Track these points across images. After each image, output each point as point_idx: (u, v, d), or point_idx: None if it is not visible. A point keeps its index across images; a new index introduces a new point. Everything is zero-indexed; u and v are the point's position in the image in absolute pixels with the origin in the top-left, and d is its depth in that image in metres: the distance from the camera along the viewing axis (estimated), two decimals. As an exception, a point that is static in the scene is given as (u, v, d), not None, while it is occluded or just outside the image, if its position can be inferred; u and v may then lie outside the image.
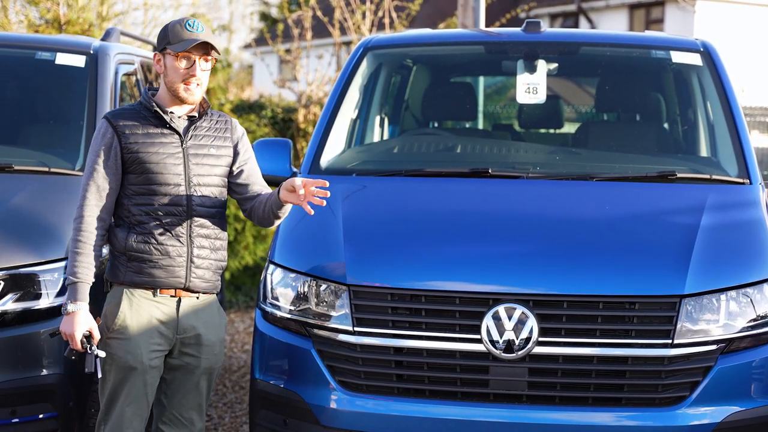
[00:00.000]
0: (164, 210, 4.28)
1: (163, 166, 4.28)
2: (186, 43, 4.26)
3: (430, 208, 5.02)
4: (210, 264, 4.37)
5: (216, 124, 4.44)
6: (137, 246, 4.26)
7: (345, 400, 4.43)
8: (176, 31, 4.29)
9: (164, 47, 4.30)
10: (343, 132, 5.81)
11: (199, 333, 4.37)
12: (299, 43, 13.25)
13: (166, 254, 4.27)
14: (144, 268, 4.27)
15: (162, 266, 4.27)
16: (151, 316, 4.29)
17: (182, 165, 4.31)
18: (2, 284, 4.77)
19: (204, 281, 4.36)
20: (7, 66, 6.29)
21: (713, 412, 4.35)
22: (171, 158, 4.29)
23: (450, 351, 4.37)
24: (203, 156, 4.36)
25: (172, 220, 4.28)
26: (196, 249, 4.32)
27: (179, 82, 4.28)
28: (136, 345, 4.27)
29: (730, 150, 5.40)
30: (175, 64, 4.28)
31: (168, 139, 4.32)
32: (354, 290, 4.46)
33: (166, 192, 4.28)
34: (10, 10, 11.97)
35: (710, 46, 5.87)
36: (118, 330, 4.27)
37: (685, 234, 4.65)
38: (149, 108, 4.33)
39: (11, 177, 5.39)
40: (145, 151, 4.27)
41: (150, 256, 4.26)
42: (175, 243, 4.29)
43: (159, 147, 4.29)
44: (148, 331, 4.29)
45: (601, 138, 6.02)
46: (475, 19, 10.71)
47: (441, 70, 6.83)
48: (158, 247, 4.26)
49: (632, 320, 4.36)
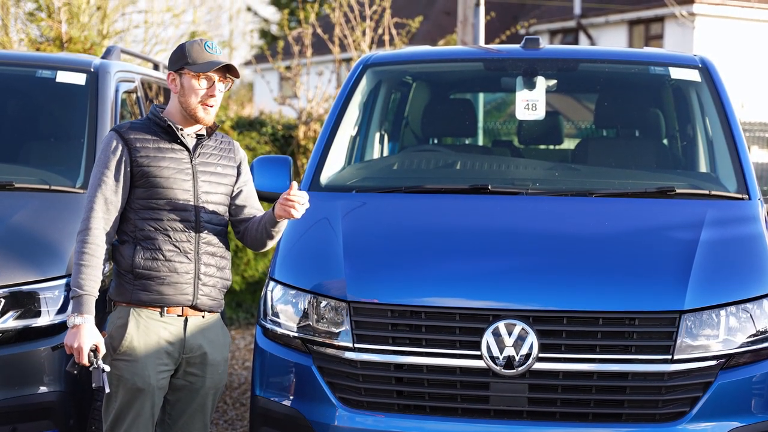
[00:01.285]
0: (173, 225, 4.26)
1: (173, 181, 4.26)
2: (209, 64, 4.26)
3: (430, 224, 5.03)
4: (216, 282, 4.36)
5: (221, 144, 4.46)
6: (145, 263, 4.22)
7: (345, 416, 4.42)
8: (196, 52, 4.28)
9: (182, 67, 4.29)
10: (343, 149, 5.82)
11: (204, 352, 4.36)
12: (299, 60, 13.28)
13: (174, 271, 4.24)
14: (152, 285, 4.23)
15: (170, 283, 4.24)
16: (158, 337, 4.25)
17: (191, 181, 4.30)
18: (3, 302, 4.78)
19: (210, 299, 4.35)
20: (8, 84, 6.31)
21: (714, 427, 4.34)
22: (181, 174, 4.28)
23: (450, 367, 4.37)
24: (210, 174, 4.36)
25: (181, 236, 4.27)
26: (203, 266, 4.30)
27: (197, 102, 4.28)
28: (143, 367, 4.23)
29: (729, 166, 5.41)
30: (193, 84, 4.27)
31: (178, 155, 4.31)
32: (354, 307, 4.46)
33: (175, 207, 4.26)
34: (11, 28, 12.01)
35: (709, 62, 5.89)
36: (125, 352, 4.22)
37: (684, 249, 4.66)
38: (160, 123, 4.32)
39: (12, 195, 5.40)
40: (156, 165, 4.25)
41: (158, 273, 4.23)
42: (183, 260, 4.26)
43: (169, 162, 4.28)
44: (155, 352, 4.25)
45: (600, 154, 6.03)
46: (474, 36, 10.75)
47: (441, 86, 6.84)
48: (166, 263, 4.23)
49: (632, 336, 4.35)
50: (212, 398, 4.48)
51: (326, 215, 5.01)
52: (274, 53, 14.27)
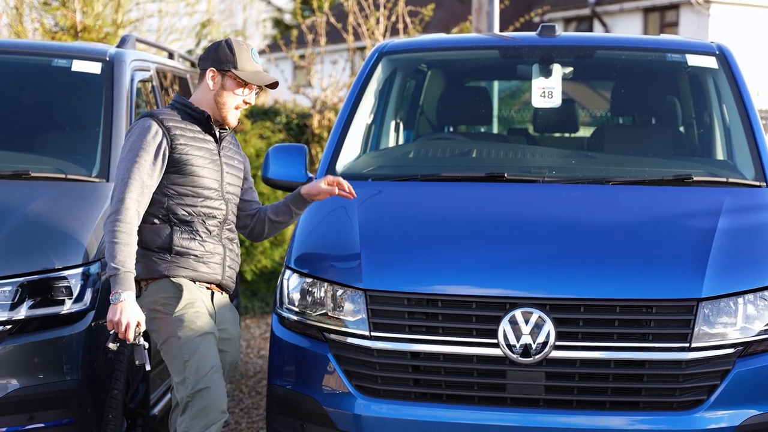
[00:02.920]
0: (205, 211, 4.51)
1: (206, 170, 4.52)
2: (259, 76, 4.51)
3: (446, 212, 5.02)
4: (236, 265, 4.67)
5: (232, 140, 4.77)
6: (183, 242, 4.47)
7: (362, 404, 4.43)
8: (245, 59, 4.51)
9: (228, 69, 4.48)
10: (359, 137, 5.82)
11: (228, 327, 4.67)
12: (313, 48, 13.27)
13: (209, 252, 4.52)
14: (189, 261, 4.48)
15: (205, 262, 4.51)
16: (200, 298, 4.51)
17: (219, 171, 4.58)
18: (20, 291, 4.79)
19: (231, 281, 4.66)
20: (23, 73, 6.32)
21: (731, 415, 4.33)
22: (212, 164, 4.55)
23: (467, 355, 4.37)
24: (232, 166, 4.67)
25: (211, 221, 4.53)
26: (228, 250, 4.61)
27: (232, 105, 4.54)
28: (204, 316, 4.47)
29: (746, 153, 5.39)
30: (235, 89, 4.52)
31: (209, 145, 4.56)
32: (371, 295, 4.46)
33: (208, 195, 4.51)
34: (26, 17, 12.03)
35: (726, 49, 5.86)
36: (185, 306, 4.44)
37: (701, 237, 4.64)
38: (196, 113, 4.52)
39: (28, 184, 5.41)
40: (194, 154, 4.48)
41: (195, 251, 4.49)
42: (215, 242, 4.55)
43: (204, 152, 4.53)
44: (206, 308, 4.51)
45: (616, 142, 6.01)
46: (489, 24, 10.71)
47: (456, 74, 6.83)
48: (203, 243, 4.50)
49: (649, 324, 4.34)
50: (228, 373, 4.73)
51: (342, 203, 5.00)
52: (288, 42, 14.28)
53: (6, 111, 6.16)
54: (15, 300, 4.76)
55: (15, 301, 4.76)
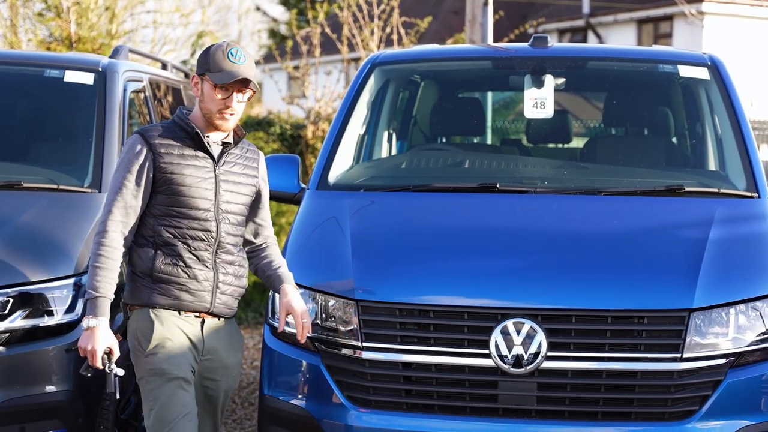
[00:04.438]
0: (192, 234, 4.23)
1: (195, 189, 4.22)
2: (226, 76, 4.19)
3: (438, 223, 5.02)
4: (233, 291, 4.34)
5: (246, 153, 4.42)
6: (164, 268, 4.20)
7: (354, 415, 4.42)
8: (218, 59, 4.22)
9: (204, 73, 4.24)
10: (352, 148, 5.82)
11: (221, 355, 4.35)
12: (308, 59, 13.29)
13: (194, 278, 4.22)
14: (171, 290, 4.21)
15: (189, 290, 4.22)
16: (181, 332, 4.23)
17: (213, 190, 4.26)
18: (11, 301, 4.78)
19: (227, 307, 4.34)
20: (16, 84, 6.31)
21: (723, 426, 4.33)
22: (204, 182, 4.24)
23: (459, 366, 4.36)
24: (233, 183, 4.32)
25: (200, 244, 4.23)
26: (222, 275, 4.28)
27: (215, 110, 4.23)
28: (176, 356, 4.19)
29: (738, 164, 5.39)
30: (212, 93, 4.22)
31: (202, 163, 4.26)
32: (362, 305, 4.46)
33: (196, 216, 4.22)
34: (20, 28, 12.04)
35: (718, 60, 5.87)
36: (156, 346, 4.19)
37: (693, 248, 4.64)
38: (187, 129, 4.27)
39: (20, 194, 5.40)
40: (179, 173, 4.21)
41: (178, 278, 4.21)
42: (203, 267, 4.24)
43: (192, 170, 4.23)
44: (182, 345, 4.23)
45: (609, 152, 6.02)
46: (483, 35, 10.73)
47: (449, 85, 6.83)
48: (186, 270, 4.21)
49: (641, 334, 4.34)
50: (224, 400, 4.46)
51: (334, 214, 5.00)
52: (283, 53, 14.29)
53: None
54: (6, 310, 4.75)
55: (6, 312, 4.75)
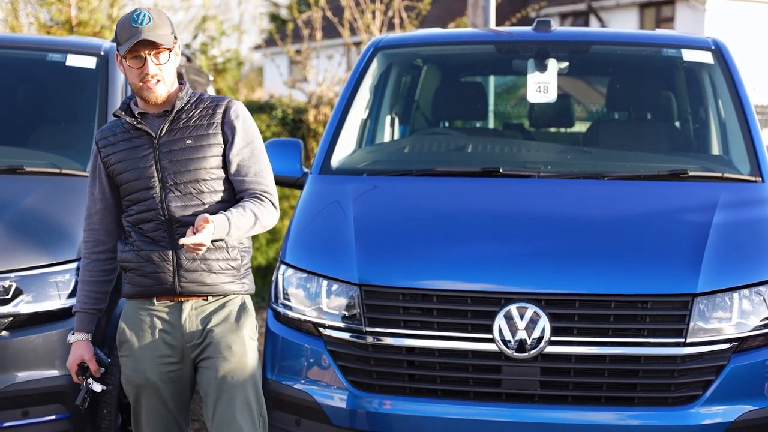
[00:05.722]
0: (143, 217, 4.01)
1: (132, 172, 4.00)
2: (129, 42, 3.90)
3: (441, 207, 5.01)
4: (209, 266, 4.00)
5: (200, 112, 4.04)
6: (123, 256, 4.06)
7: (357, 400, 4.42)
8: (123, 29, 3.93)
9: (117, 48, 3.98)
10: (354, 132, 5.81)
11: (212, 336, 4.03)
12: (309, 43, 13.26)
13: (150, 261, 3.99)
14: (133, 277, 4.04)
15: (146, 273, 4.00)
16: (152, 328, 4.05)
17: (153, 166, 3.99)
18: (14, 286, 4.78)
19: (201, 285, 4.01)
20: (18, 68, 6.30)
21: (726, 411, 4.33)
22: (140, 161, 3.99)
23: (462, 351, 4.36)
24: (179, 151, 3.98)
25: (149, 225, 4.00)
26: (184, 252, 3.97)
27: (138, 82, 3.95)
28: (139, 361, 4.05)
29: (742, 148, 5.38)
30: (127, 65, 3.95)
31: (138, 142, 4.02)
32: (365, 290, 4.45)
33: (140, 198, 4.00)
34: (21, 11, 12.01)
35: (722, 44, 5.85)
36: (123, 348, 4.11)
37: (697, 232, 4.64)
38: (118, 115, 4.07)
39: (22, 178, 5.40)
40: (117, 162, 4.04)
41: (133, 264, 4.02)
42: (156, 248, 3.99)
43: (128, 153, 4.02)
44: (150, 345, 4.04)
45: (612, 137, 6.01)
46: (485, 19, 10.70)
47: (451, 69, 6.82)
48: (140, 253, 4.00)
49: (645, 319, 4.34)
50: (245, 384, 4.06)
51: (337, 198, 5.00)
52: (284, 37, 14.26)
53: (0, 105, 6.14)
54: (9, 295, 4.75)
55: (9, 296, 4.75)
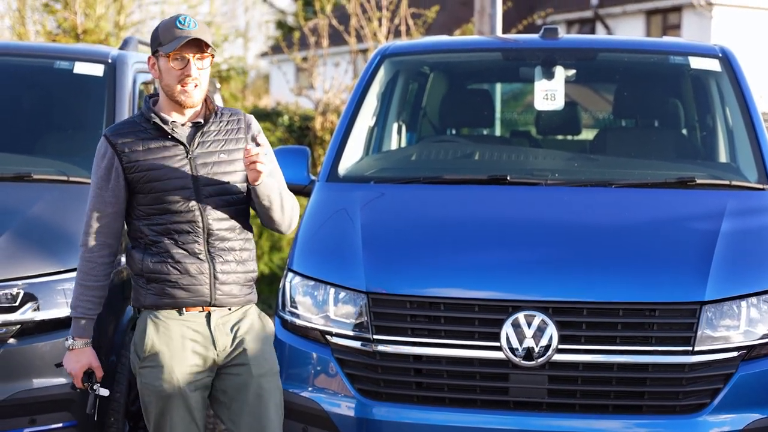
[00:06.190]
0: (177, 228, 3.95)
1: (168, 182, 3.94)
2: (177, 41, 3.89)
3: (449, 215, 5.01)
4: (237, 278, 4.03)
5: (227, 126, 4.07)
6: (154, 267, 3.94)
7: (364, 408, 4.42)
8: (167, 30, 3.93)
9: (156, 49, 3.96)
10: (361, 139, 5.81)
11: (241, 343, 4.03)
12: (316, 51, 13.27)
13: (186, 273, 3.95)
14: (165, 289, 3.95)
15: (182, 286, 3.95)
16: (181, 337, 3.97)
17: (190, 178, 3.96)
18: (21, 293, 4.78)
19: (232, 297, 4.02)
20: (25, 75, 6.31)
21: (734, 419, 4.32)
22: (177, 172, 3.95)
23: (469, 359, 4.35)
24: (213, 164, 3.99)
25: (187, 237, 3.95)
26: (219, 264, 3.98)
27: (175, 84, 3.93)
28: (169, 371, 3.94)
29: (749, 156, 5.38)
30: (168, 66, 3.93)
31: (171, 152, 3.97)
32: (373, 298, 4.45)
33: (176, 209, 3.94)
34: (28, 19, 12.04)
35: (729, 52, 5.85)
36: (148, 358, 3.96)
37: (704, 240, 4.63)
38: (148, 119, 3.99)
39: (30, 186, 5.41)
40: (148, 170, 3.94)
41: (168, 276, 3.94)
42: (195, 261, 3.95)
43: (162, 161, 3.95)
44: (180, 354, 3.96)
45: (619, 144, 6.00)
46: (491, 26, 10.70)
47: (458, 77, 6.82)
48: (176, 266, 3.94)
49: (652, 327, 4.33)
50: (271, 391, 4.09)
51: (344, 206, 4.99)
52: (290, 44, 14.26)
53: (8, 113, 6.16)
54: (16, 303, 4.75)
55: (17, 304, 4.76)
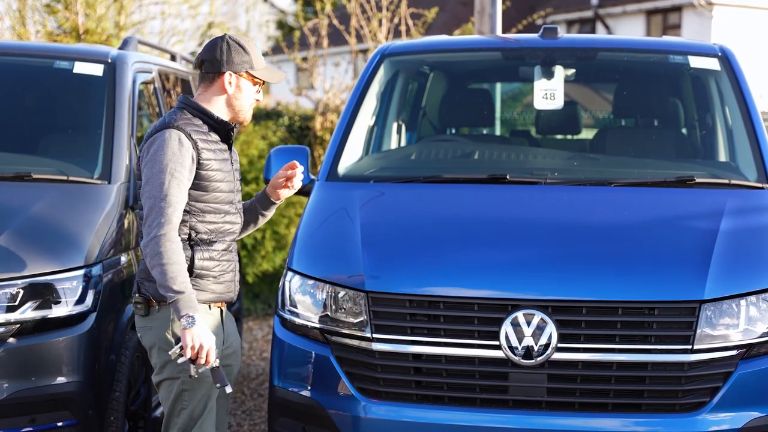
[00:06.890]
0: (227, 228, 4.30)
1: (225, 184, 4.26)
2: (269, 73, 4.32)
3: (448, 214, 5.02)
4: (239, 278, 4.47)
5: None
6: (204, 263, 4.22)
7: (364, 407, 4.42)
8: (257, 56, 4.30)
9: (246, 70, 4.25)
10: (361, 139, 5.81)
11: (231, 342, 4.46)
12: (316, 51, 13.27)
13: (225, 270, 4.30)
14: (208, 284, 4.24)
15: (222, 282, 4.29)
16: (212, 329, 4.25)
17: (233, 182, 4.33)
18: (21, 292, 4.79)
19: (236, 294, 4.46)
20: (25, 75, 6.31)
21: (733, 417, 4.32)
22: (229, 175, 4.30)
23: (469, 357, 4.36)
24: (237, 171, 4.41)
25: (231, 236, 4.33)
26: (236, 263, 4.40)
27: (248, 105, 4.31)
28: None
29: (748, 155, 5.38)
30: (251, 88, 4.30)
31: (224, 155, 4.30)
32: (372, 297, 4.46)
33: (227, 210, 4.28)
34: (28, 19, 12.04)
35: (728, 51, 5.85)
36: None
37: (704, 239, 4.63)
38: (217, 123, 4.25)
39: (30, 186, 5.41)
40: (216, 169, 4.22)
41: (212, 272, 4.25)
42: (232, 259, 4.35)
43: (222, 164, 4.25)
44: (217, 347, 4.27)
45: (619, 143, 6.01)
46: (491, 26, 10.70)
47: (458, 76, 6.83)
48: (219, 263, 4.27)
49: (652, 326, 4.34)
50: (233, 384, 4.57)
51: (344, 205, 5.00)
52: (291, 44, 14.27)
53: (8, 113, 6.16)
54: (17, 302, 4.76)
55: (17, 303, 4.76)
